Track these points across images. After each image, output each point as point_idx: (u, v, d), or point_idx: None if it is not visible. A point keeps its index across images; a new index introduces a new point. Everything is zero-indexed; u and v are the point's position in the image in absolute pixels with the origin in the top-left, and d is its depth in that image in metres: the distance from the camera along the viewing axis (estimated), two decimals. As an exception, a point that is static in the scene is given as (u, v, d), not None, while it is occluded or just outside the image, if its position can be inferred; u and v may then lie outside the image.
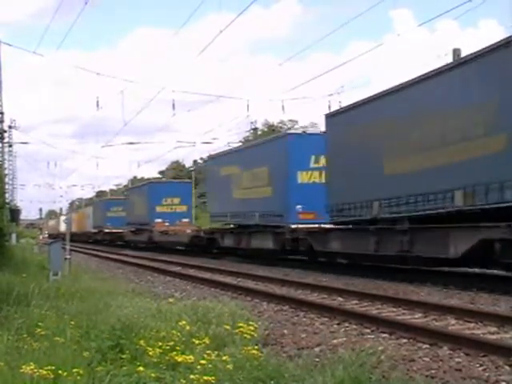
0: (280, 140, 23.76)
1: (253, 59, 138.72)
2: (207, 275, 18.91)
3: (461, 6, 19.38)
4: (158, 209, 39.34)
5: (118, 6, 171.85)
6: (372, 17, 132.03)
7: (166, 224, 38.14)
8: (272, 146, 24.18)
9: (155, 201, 39.52)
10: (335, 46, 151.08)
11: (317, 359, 6.61)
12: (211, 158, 32.73)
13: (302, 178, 22.16)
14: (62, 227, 78.20)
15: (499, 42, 13.51)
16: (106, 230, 54.03)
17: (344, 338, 8.34)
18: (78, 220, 74.55)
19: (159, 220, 38.67)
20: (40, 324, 7.10)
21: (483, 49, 13.86)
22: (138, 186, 51.70)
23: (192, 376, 4.97)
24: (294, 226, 21.70)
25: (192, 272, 20.32)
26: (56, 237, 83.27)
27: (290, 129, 51.78)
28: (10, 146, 45.21)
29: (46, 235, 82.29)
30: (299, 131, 26.88)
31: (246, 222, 25.87)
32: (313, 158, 22.19)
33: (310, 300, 12.22)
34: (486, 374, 6.40)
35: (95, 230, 59.91)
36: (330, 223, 20.16)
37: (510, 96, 13.00)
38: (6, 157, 42.30)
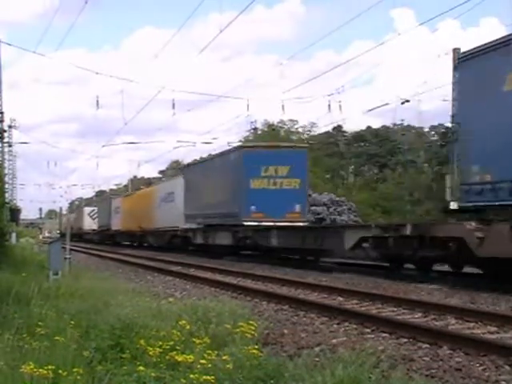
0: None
1: (255, 59, 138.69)
2: (207, 275, 18.91)
3: (462, 5, 19.37)
4: None
5: (120, 6, 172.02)
6: (373, 16, 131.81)
7: None
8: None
9: None
10: (337, 45, 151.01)
11: (317, 359, 6.60)
12: None
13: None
14: (87, 223, 61.16)
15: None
16: (248, 224, 25.50)
17: (344, 338, 8.35)
18: (128, 210, 46.43)
19: None
20: (40, 323, 7.08)
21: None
22: None
23: (192, 375, 4.96)
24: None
25: (192, 271, 20.31)
26: (79, 236, 64.06)
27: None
28: (10, 145, 45.19)
29: (48, 235, 77.37)
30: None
31: None
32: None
33: (310, 299, 12.22)
34: (486, 374, 6.40)
35: (193, 225, 31.71)
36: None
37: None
38: (6, 156, 42.30)
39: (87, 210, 63.16)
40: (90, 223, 60.78)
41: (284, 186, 25.68)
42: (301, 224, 24.66)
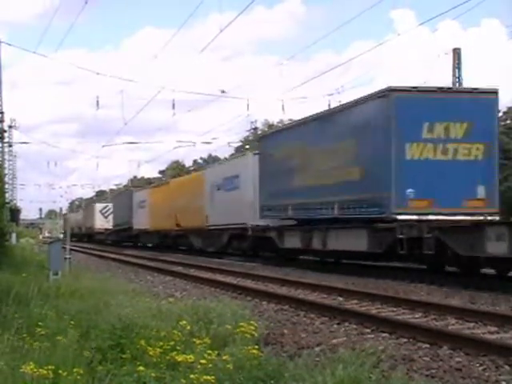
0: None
1: (255, 59, 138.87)
2: (207, 275, 18.91)
3: (462, 5, 19.38)
4: None
5: (121, 6, 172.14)
6: (373, 16, 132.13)
7: None
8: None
9: None
10: (337, 45, 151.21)
11: (317, 359, 6.61)
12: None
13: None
14: (98, 222, 54.81)
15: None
16: (403, 217, 16.12)
17: (344, 338, 8.35)
18: (160, 204, 36.74)
19: None
20: (40, 324, 7.09)
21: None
22: None
23: (192, 376, 4.96)
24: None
25: (192, 272, 20.31)
26: (89, 237, 59.84)
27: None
28: (10, 145, 45.21)
29: (48, 235, 76.25)
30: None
31: None
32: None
33: (310, 300, 12.21)
34: (486, 374, 6.40)
35: (275, 222, 23.02)
36: None
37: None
38: (6, 156, 42.32)
39: (99, 206, 56.24)
40: (102, 222, 54.63)
41: (459, 155, 16.45)
42: (488, 217, 15.90)
